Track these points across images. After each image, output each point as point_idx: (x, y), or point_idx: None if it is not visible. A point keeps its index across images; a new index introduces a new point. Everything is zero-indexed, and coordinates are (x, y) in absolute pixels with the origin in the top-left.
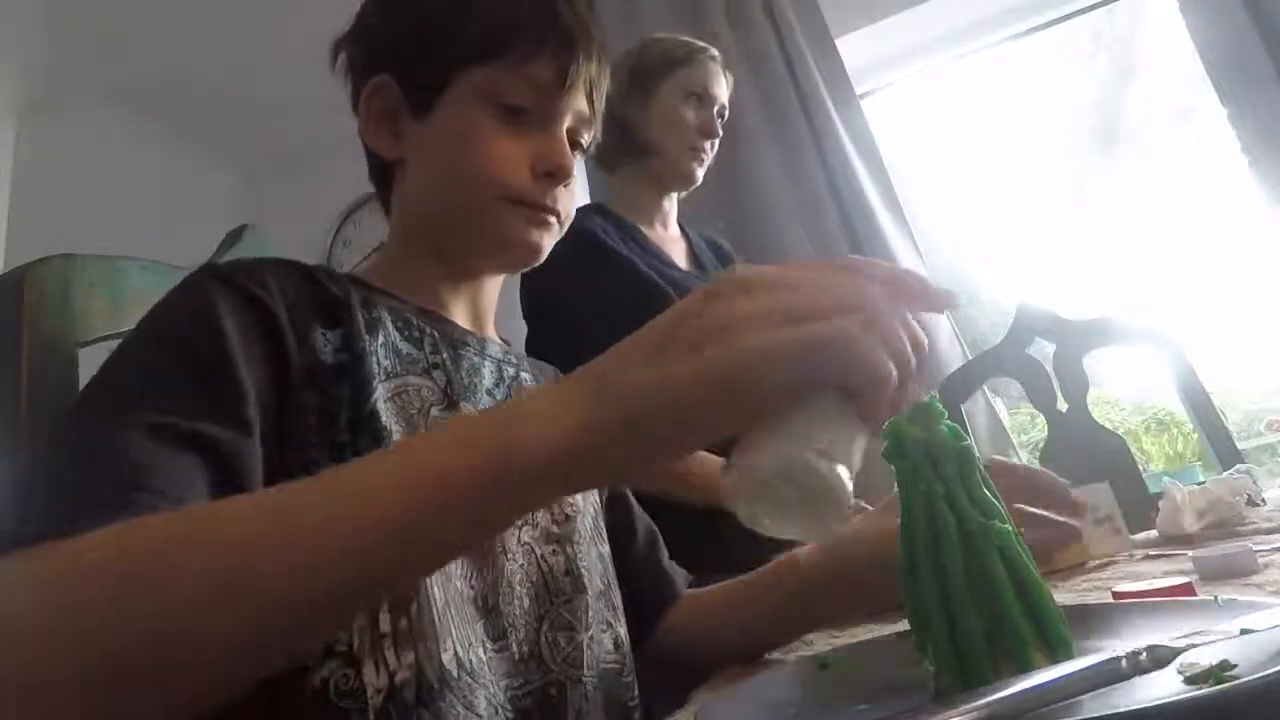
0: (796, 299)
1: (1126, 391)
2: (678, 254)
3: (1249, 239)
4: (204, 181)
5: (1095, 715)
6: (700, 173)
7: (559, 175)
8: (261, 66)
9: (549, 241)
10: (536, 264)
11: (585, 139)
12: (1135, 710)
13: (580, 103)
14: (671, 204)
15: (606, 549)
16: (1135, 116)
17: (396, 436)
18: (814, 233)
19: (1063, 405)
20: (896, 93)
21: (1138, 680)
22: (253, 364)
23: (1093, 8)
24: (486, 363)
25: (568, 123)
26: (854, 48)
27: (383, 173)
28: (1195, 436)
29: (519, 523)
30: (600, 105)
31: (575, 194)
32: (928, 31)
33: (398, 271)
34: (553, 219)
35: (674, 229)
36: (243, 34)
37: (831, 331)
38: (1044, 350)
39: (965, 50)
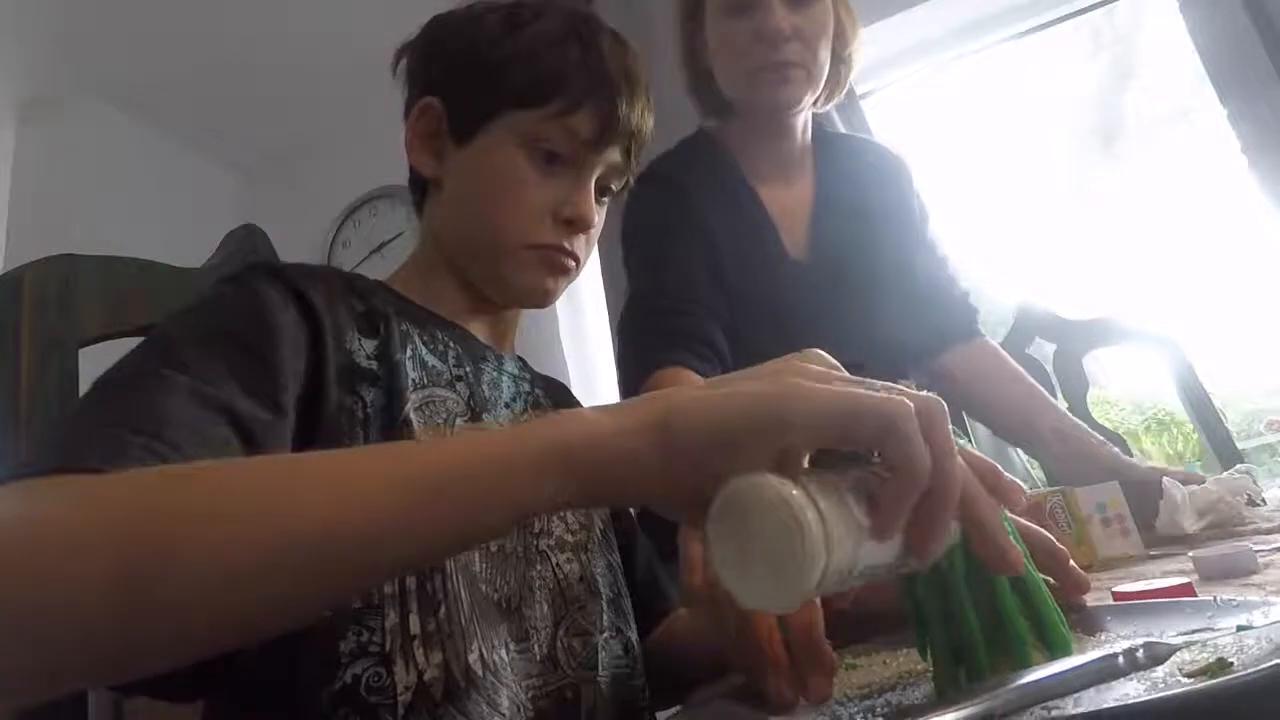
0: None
1: (1126, 391)
2: (795, 221)
3: (1249, 239)
4: (204, 181)
5: (1093, 711)
6: (789, 92)
7: (579, 225)
8: (261, 66)
9: (563, 286)
10: (546, 306)
11: (615, 186)
12: (1132, 706)
13: (615, 155)
14: (782, 148)
15: (616, 558)
16: (1135, 116)
17: None
18: None
19: (1063, 405)
20: (896, 93)
21: (1135, 677)
22: (296, 358)
23: (1093, 8)
24: (504, 378)
25: (599, 172)
26: None
27: (421, 186)
28: (1195, 436)
29: (537, 530)
30: (640, 151)
31: (595, 236)
32: (928, 31)
33: (425, 284)
34: (570, 263)
35: (804, 182)
36: (243, 34)
37: (889, 404)
38: (1044, 350)
39: (965, 50)
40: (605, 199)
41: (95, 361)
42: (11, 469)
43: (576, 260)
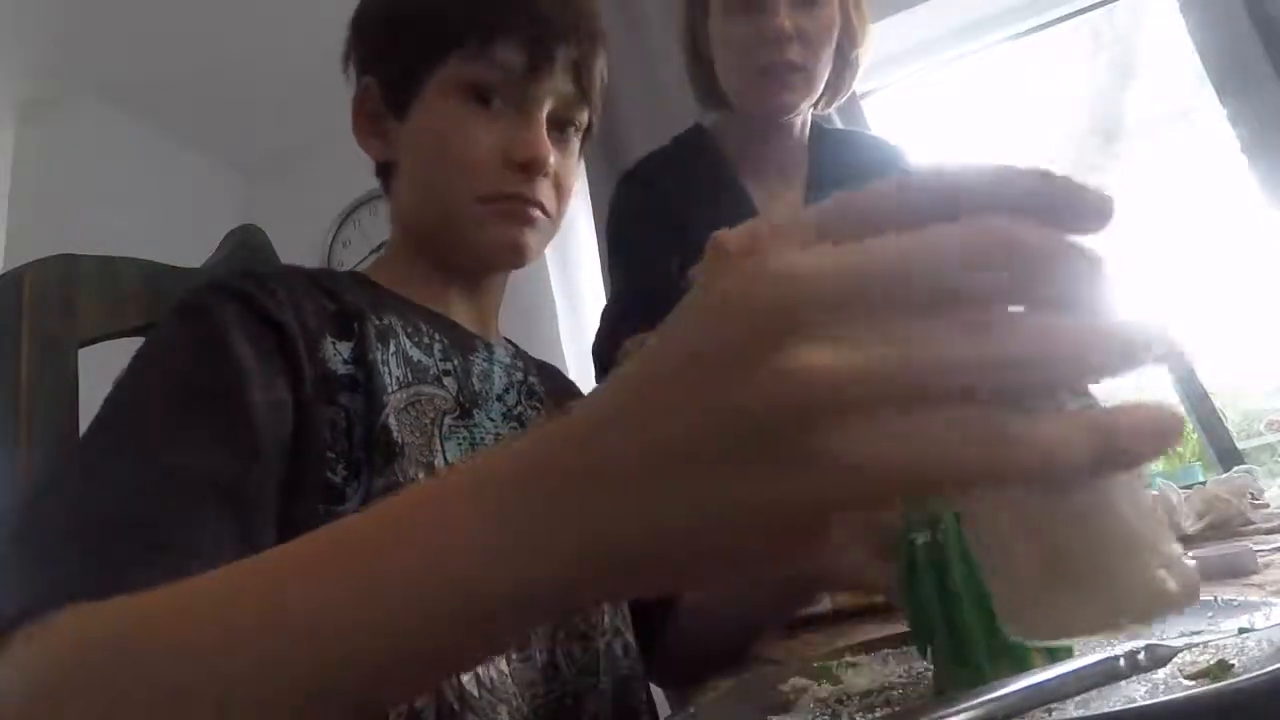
0: (912, 360)
1: (1126, 391)
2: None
3: (1249, 239)
4: (203, 181)
5: (1095, 714)
6: (787, 97)
7: (533, 166)
8: (261, 66)
9: (534, 239)
10: (525, 264)
11: (580, 119)
12: (1134, 709)
13: (563, 85)
14: (778, 146)
15: None
16: (1135, 116)
17: (410, 449)
18: None
19: None
20: (896, 93)
21: (1137, 679)
22: (269, 388)
23: (1093, 8)
24: (496, 368)
25: (548, 106)
26: None
27: (385, 171)
28: (1195, 436)
29: None
30: (595, 83)
31: (568, 185)
32: (928, 31)
33: (402, 271)
34: (535, 212)
35: (799, 180)
36: (242, 34)
37: (945, 449)
38: None
39: (965, 50)
40: (567, 135)
41: (95, 362)
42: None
43: (542, 208)
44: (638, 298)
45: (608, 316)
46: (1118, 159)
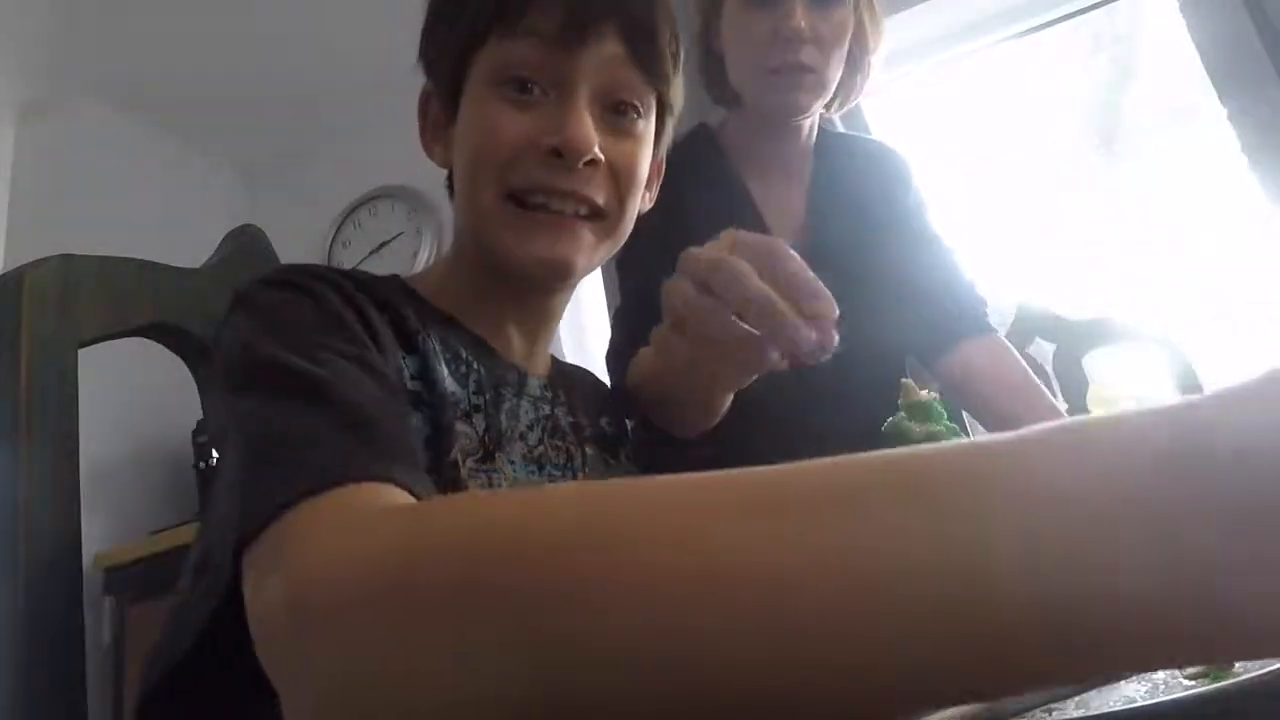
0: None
1: (1126, 391)
2: (790, 222)
3: (1249, 239)
4: (203, 181)
5: (1095, 714)
6: (799, 98)
7: (569, 153)
8: (261, 66)
9: (575, 248)
10: (571, 278)
11: (643, 99)
12: (1134, 709)
13: (611, 48)
14: (785, 148)
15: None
16: (1135, 116)
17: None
18: None
19: (1063, 405)
20: (897, 93)
21: (1136, 679)
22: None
23: (1093, 8)
24: (524, 403)
25: (591, 83)
26: None
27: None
28: None
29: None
30: (660, 55)
31: (631, 177)
32: (927, 31)
33: (455, 286)
34: (578, 212)
35: (802, 182)
36: (243, 34)
37: None
38: (1044, 350)
39: (965, 50)
40: (627, 118)
41: (95, 361)
42: (280, 492)
43: (589, 203)
44: (641, 302)
45: (617, 322)
46: (1117, 159)
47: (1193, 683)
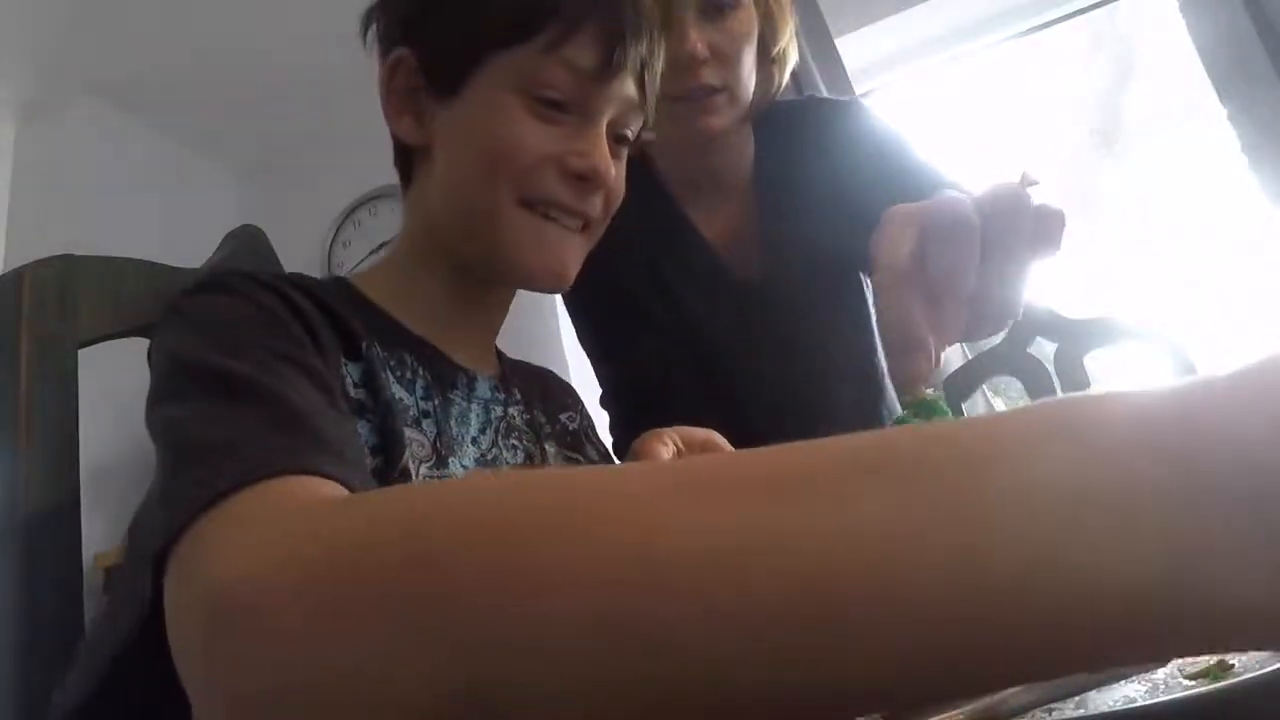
0: None
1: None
2: (741, 240)
3: (1249, 239)
4: (203, 181)
5: (1095, 714)
6: (709, 122)
7: (592, 180)
8: (261, 66)
9: (575, 259)
10: (563, 289)
11: (633, 129)
12: (1134, 709)
13: (627, 89)
14: (716, 162)
15: None
16: (1135, 116)
17: None
18: None
19: None
20: (896, 93)
21: (1136, 678)
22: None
23: (1093, 8)
24: (474, 406)
25: (611, 113)
26: (854, 48)
27: (406, 160)
28: None
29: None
30: (654, 88)
31: (617, 198)
32: (928, 31)
33: (402, 281)
34: (576, 225)
35: (748, 193)
36: (243, 34)
37: None
38: (1045, 350)
39: (965, 50)
40: (624, 148)
41: (95, 361)
42: (213, 483)
43: (587, 219)
44: (626, 384)
45: (608, 408)
46: (1117, 159)
47: (1193, 683)
